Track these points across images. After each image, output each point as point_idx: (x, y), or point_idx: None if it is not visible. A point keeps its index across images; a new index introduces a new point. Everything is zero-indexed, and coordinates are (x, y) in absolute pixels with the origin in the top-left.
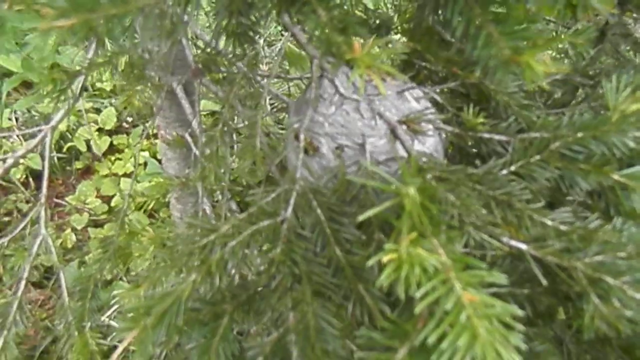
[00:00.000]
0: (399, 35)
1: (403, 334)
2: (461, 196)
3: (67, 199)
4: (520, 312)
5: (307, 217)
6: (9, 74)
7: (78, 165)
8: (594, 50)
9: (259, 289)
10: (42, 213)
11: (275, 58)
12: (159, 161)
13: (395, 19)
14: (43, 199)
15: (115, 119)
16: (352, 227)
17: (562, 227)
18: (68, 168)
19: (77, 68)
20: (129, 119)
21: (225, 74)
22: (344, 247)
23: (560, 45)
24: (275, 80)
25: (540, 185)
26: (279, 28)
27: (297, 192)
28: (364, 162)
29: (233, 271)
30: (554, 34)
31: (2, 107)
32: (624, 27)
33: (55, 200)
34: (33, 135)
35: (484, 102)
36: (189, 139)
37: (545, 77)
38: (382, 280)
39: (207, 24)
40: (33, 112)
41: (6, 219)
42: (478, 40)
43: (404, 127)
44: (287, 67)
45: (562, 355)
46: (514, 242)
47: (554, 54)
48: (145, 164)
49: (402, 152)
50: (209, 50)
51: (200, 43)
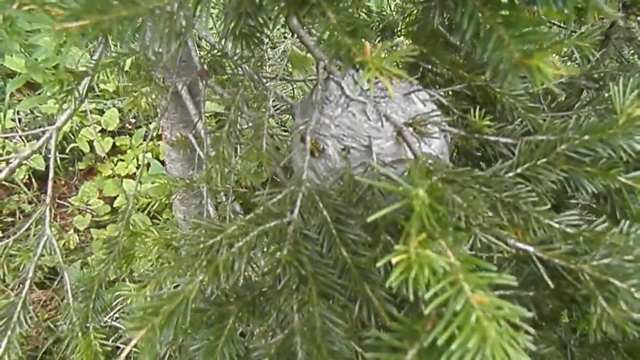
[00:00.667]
0: (402, 38)
1: (412, 335)
2: (468, 198)
3: (69, 200)
4: (528, 314)
5: (313, 218)
6: (12, 74)
7: (81, 166)
8: (598, 54)
9: (264, 289)
10: (47, 213)
11: (279, 60)
12: (162, 162)
13: (399, 21)
14: (48, 200)
15: (118, 120)
16: (358, 229)
17: (569, 230)
18: (71, 169)
19: (83, 69)
20: (132, 120)
21: (230, 76)
22: (350, 248)
23: (565, 49)
24: (279, 82)
25: (546, 188)
26: (282, 30)
27: (304, 193)
28: (372, 164)
29: (238, 272)
30: (557, 37)
31: (5, 107)
32: (628, 31)
33: (58, 201)
34: (36, 136)
35: (489, 104)
36: (193, 140)
37: (554, 80)
38: (391, 281)
39: (211, 26)
40: (36, 113)
41: (9, 219)
42: (488, 44)
43: (410, 129)
44: (290, 70)
45: (566, 358)
46: (520, 244)
47: (558, 57)
48: (149, 165)
49: (409, 154)
50: (214, 52)
51: (206, 45)
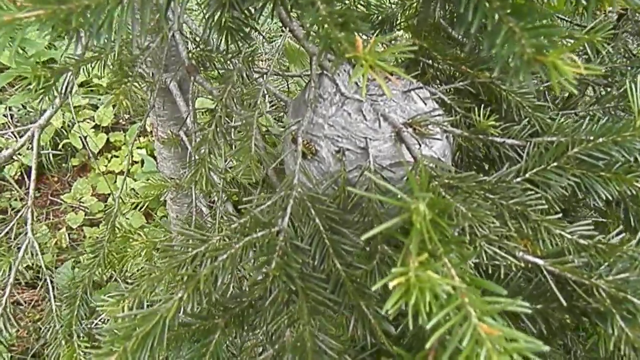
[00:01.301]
0: (402, 32)
1: None
2: (472, 207)
3: (62, 197)
4: (545, 348)
5: (304, 227)
6: (3, 69)
7: (74, 162)
8: (609, 48)
9: (253, 301)
10: (29, 216)
11: (278, 55)
12: (156, 159)
13: (399, 14)
14: (29, 202)
15: (112, 116)
16: (354, 237)
17: (582, 241)
18: (64, 165)
19: (63, 64)
20: (126, 116)
21: (220, 72)
22: (344, 259)
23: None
24: (275, 77)
25: (556, 193)
26: (280, 24)
27: (294, 199)
28: (368, 168)
29: (225, 284)
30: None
31: None
32: (637, 24)
33: (50, 198)
34: (24, 133)
35: (494, 103)
36: (184, 138)
37: (574, 79)
38: (388, 307)
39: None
40: (28, 108)
41: (0, 216)
42: (497, 38)
43: (410, 129)
44: (287, 64)
45: None
46: (529, 257)
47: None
48: (143, 161)
49: (408, 157)
50: (204, 46)
51: (196, 39)
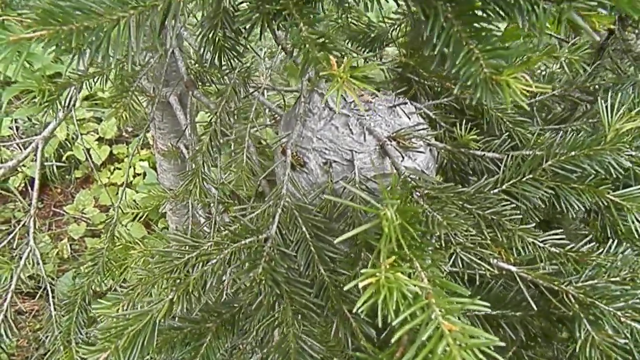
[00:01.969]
0: (391, 49)
1: None
2: (449, 216)
3: (65, 208)
4: (502, 343)
5: (292, 234)
6: (10, 82)
7: (77, 174)
8: (593, 66)
9: (244, 307)
10: (31, 224)
11: (272, 70)
12: (157, 171)
13: (390, 32)
14: (32, 211)
15: (115, 129)
16: (340, 245)
17: (554, 250)
18: (67, 177)
19: (66, 79)
20: (129, 129)
21: (217, 87)
22: (328, 265)
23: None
24: (274, 92)
25: (534, 204)
26: None
27: (282, 209)
28: (350, 180)
29: (218, 290)
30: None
31: (1, 115)
32: (624, 43)
33: (53, 209)
34: (29, 145)
35: (478, 118)
36: (184, 150)
37: (526, 97)
38: (359, 306)
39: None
40: (33, 121)
41: (4, 227)
42: (457, 58)
43: (394, 143)
44: (289, 79)
45: None
46: (503, 264)
47: (553, 67)
48: (145, 174)
49: (393, 169)
50: (202, 62)
51: (195, 54)
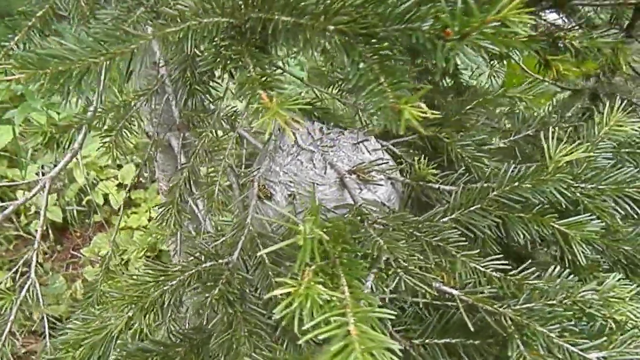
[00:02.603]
0: None
1: None
2: (391, 240)
3: (82, 250)
4: (397, 346)
5: (251, 259)
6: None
7: (96, 218)
8: (572, 108)
9: (213, 332)
10: (34, 258)
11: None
12: None
13: None
14: (36, 245)
15: (134, 175)
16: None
17: (495, 274)
18: (87, 221)
19: (67, 122)
20: (146, 174)
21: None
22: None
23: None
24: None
25: (485, 232)
26: None
27: (246, 236)
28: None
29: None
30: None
31: (27, 162)
32: (610, 86)
33: (71, 252)
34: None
35: (441, 154)
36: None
37: (419, 123)
38: (275, 313)
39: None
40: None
41: (24, 269)
42: (364, 90)
43: (354, 176)
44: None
45: None
46: (445, 288)
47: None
48: None
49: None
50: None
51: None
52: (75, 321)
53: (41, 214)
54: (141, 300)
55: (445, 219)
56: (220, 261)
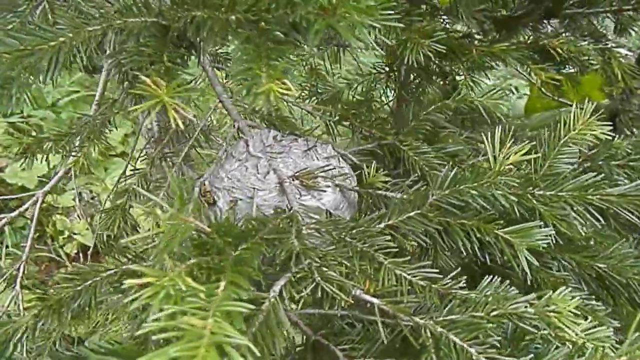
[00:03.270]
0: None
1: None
2: (303, 242)
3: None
4: (246, 342)
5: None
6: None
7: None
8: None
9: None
10: (21, 269)
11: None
12: None
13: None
14: (24, 257)
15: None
16: None
17: (421, 283)
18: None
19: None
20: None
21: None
22: None
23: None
24: None
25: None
26: None
27: None
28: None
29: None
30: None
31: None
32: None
33: None
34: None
35: (398, 162)
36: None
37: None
38: (129, 304)
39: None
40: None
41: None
42: (242, 73)
43: (297, 182)
44: None
45: None
46: (366, 296)
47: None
48: None
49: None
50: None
51: None
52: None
53: (32, 227)
54: (51, 299)
55: (381, 225)
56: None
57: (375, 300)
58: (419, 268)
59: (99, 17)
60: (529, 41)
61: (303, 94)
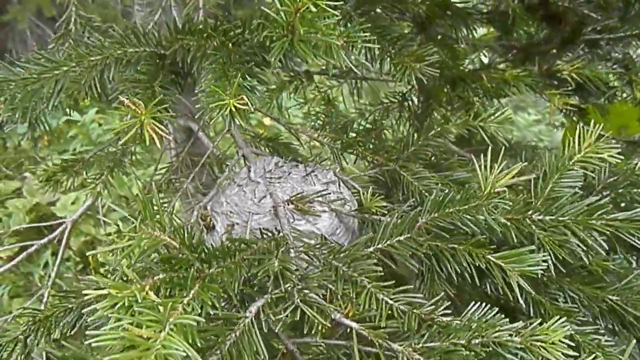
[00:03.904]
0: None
1: None
2: (284, 264)
3: None
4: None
5: None
6: None
7: None
8: None
9: None
10: (45, 296)
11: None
12: None
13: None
14: (49, 284)
15: None
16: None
17: (402, 307)
18: None
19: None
20: None
21: None
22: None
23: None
24: None
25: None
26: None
27: None
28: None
29: None
30: None
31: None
32: None
33: None
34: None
35: (396, 187)
36: None
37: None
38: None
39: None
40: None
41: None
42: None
43: (291, 206)
44: None
45: None
46: (345, 321)
47: None
48: None
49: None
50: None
51: None
52: None
53: (59, 255)
54: (41, 315)
55: (370, 249)
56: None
57: (354, 325)
58: (403, 292)
59: (101, 48)
60: (544, 68)
61: (317, 124)
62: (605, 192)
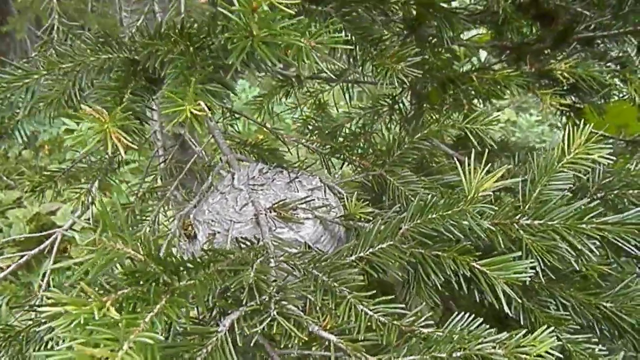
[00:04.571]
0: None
1: None
2: (261, 275)
3: None
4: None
5: None
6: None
7: None
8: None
9: None
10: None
11: None
12: None
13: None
14: (39, 294)
15: None
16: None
17: (382, 319)
18: None
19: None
20: None
21: None
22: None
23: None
24: None
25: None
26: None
27: None
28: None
29: None
30: None
31: None
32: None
33: None
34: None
35: (384, 192)
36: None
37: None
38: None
39: None
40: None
41: None
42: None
43: (274, 214)
44: None
45: None
46: (323, 333)
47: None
48: None
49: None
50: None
51: None
52: None
53: (49, 263)
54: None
55: (352, 257)
56: None
57: (332, 337)
58: (386, 303)
59: (73, 55)
60: (535, 67)
61: (306, 129)
62: (600, 193)
